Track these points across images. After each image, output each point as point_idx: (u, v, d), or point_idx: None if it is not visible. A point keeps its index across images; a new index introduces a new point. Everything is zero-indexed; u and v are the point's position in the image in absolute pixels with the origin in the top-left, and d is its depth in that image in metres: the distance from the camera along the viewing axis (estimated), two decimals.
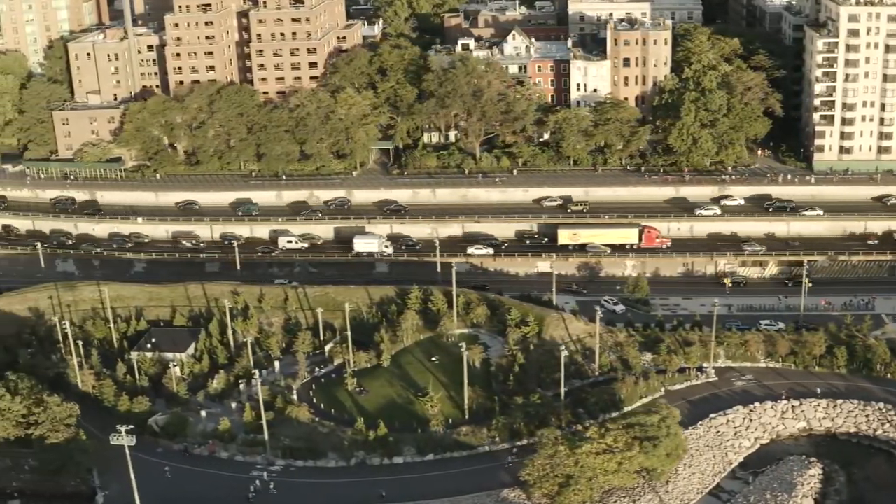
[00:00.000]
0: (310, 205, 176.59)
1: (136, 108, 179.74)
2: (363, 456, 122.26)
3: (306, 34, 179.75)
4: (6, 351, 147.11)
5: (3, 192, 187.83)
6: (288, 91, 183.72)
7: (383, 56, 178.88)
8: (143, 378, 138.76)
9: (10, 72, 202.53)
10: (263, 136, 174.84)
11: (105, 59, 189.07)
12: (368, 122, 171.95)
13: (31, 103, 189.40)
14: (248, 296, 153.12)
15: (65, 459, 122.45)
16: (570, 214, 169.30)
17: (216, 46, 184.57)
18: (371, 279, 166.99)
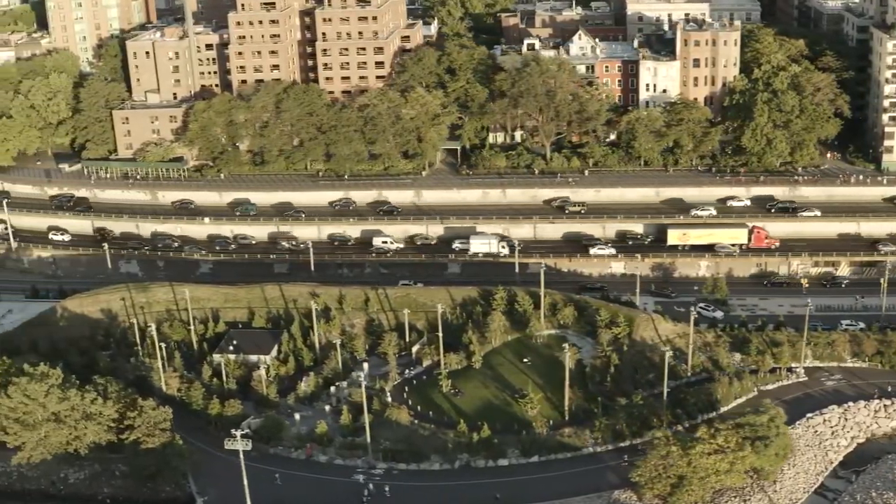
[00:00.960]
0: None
1: (201, 106, 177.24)
2: (467, 458, 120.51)
3: (373, 33, 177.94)
4: (82, 354, 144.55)
5: (86, 193, 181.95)
6: (354, 90, 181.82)
7: (452, 55, 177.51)
8: (230, 381, 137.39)
9: (62, 70, 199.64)
10: (333, 136, 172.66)
11: (165, 57, 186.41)
12: (439, 122, 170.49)
13: (89, 102, 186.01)
14: (327, 297, 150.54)
15: (161, 464, 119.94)
16: (572, 215, 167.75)
17: (281, 45, 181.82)
18: (444, 280, 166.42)
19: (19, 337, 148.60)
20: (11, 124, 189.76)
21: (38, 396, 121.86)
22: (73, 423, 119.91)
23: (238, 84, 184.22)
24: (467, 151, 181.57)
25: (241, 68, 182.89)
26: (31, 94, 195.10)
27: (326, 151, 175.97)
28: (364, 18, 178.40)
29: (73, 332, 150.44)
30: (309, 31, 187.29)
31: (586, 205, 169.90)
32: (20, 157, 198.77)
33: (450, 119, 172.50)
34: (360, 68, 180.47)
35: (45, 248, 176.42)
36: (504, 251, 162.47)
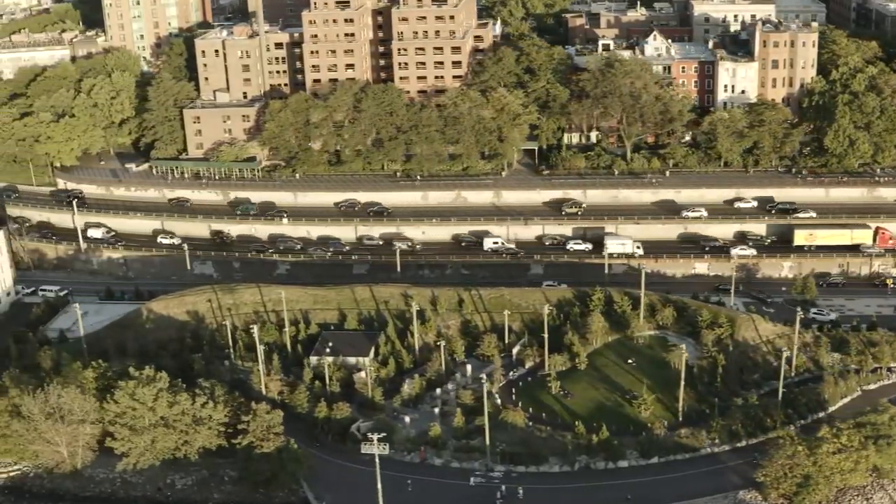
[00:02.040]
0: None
1: (277, 106, 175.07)
2: (586, 460, 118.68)
3: (449, 32, 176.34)
4: (174, 356, 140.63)
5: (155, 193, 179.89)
6: (429, 90, 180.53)
7: (531, 55, 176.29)
8: (333, 384, 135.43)
9: (124, 69, 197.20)
10: (413, 136, 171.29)
11: (235, 56, 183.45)
12: (520, 122, 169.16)
13: (157, 101, 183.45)
14: (419, 298, 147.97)
15: (276, 469, 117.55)
16: (574, 216, 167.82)
17: (356, 44, 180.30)
18: (527, 281, 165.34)
19: (104, 339, 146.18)
20: (75, 123, 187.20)
21: (146, 400, 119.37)
22: (184, 427, 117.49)
23: (311, 83, 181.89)
24: (544, 152, 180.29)
25: (314, 67, 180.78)
26: (94, 92, 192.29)
27: (406, 151, 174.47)
28: (441, 18, 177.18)
29: (159, 334, 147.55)
30: (381, 30, 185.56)
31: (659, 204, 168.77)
32: (81, 157, 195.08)
33: (530, 119, 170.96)
34: (436, 68, 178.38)
35: (115, 248, 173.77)
36: (639, 252, 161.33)
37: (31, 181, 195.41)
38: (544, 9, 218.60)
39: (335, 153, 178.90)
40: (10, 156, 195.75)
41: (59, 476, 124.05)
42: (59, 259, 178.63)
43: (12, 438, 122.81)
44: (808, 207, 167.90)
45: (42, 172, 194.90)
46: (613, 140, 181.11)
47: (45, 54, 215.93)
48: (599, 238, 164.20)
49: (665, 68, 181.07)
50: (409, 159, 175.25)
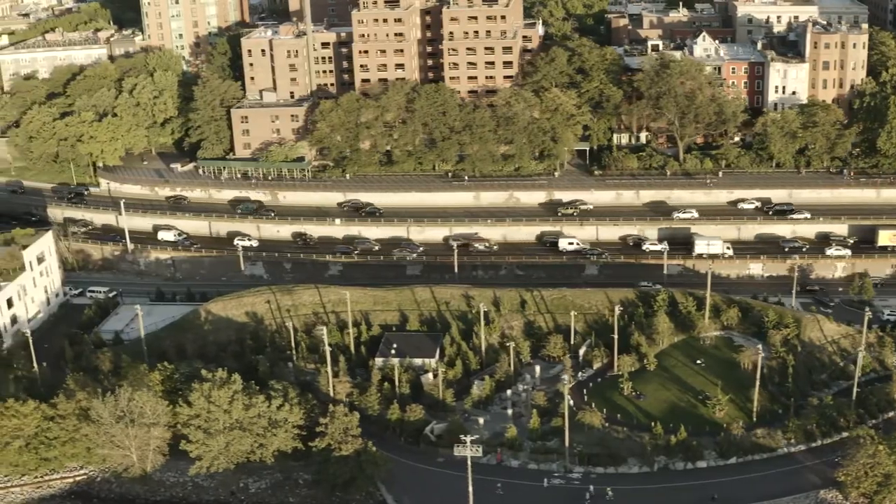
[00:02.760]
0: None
1: (328, 106, 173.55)
2: (664, 461, 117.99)
3: (500, 32, 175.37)
4: (235, 358, 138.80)
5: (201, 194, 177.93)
6: (480, 90, 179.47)
7: (584, 55, 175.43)
8: (403, 385, 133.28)
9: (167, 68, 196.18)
10: (467, 136, 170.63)
11: (283, 55, 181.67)
12: (574, 122, 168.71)
13: (204, 100, 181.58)
14: (481, 299, 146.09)
15: (355, 472, 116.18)
16: (570, 216, 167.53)
17: (406, 44, 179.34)
18: (581, 282, 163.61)
19: (162, 341, 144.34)
20: (118, 123, 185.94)
21: (222, 403, 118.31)
22: (260, 430, 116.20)
23: (360, 83, 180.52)
24: (594, 152, 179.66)
25: (363, 67, 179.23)
26: (137, 92, 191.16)
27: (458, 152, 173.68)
28: (492, 18, 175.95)
29: (218, 335, 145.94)
30: (429, 30, 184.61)
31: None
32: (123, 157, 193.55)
33: (584, 120, 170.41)
34: (487, 68, 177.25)
35: (163, 249, 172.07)
36: (729, 252, 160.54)
37: (72, 181, 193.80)
38: (584, 9, 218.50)
39: (386, 153, 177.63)
40: (49, 155, 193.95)
41: (127, 480, 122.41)
42: (105, 260, 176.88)
43: (81, 442, 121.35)
44: (860, 208, 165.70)
45: (83, 172, 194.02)
46: (663, 141, 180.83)
47: (82, 53, 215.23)
48: (683, 238, 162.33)
49: (715, 69, 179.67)
50: (462, 160, 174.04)
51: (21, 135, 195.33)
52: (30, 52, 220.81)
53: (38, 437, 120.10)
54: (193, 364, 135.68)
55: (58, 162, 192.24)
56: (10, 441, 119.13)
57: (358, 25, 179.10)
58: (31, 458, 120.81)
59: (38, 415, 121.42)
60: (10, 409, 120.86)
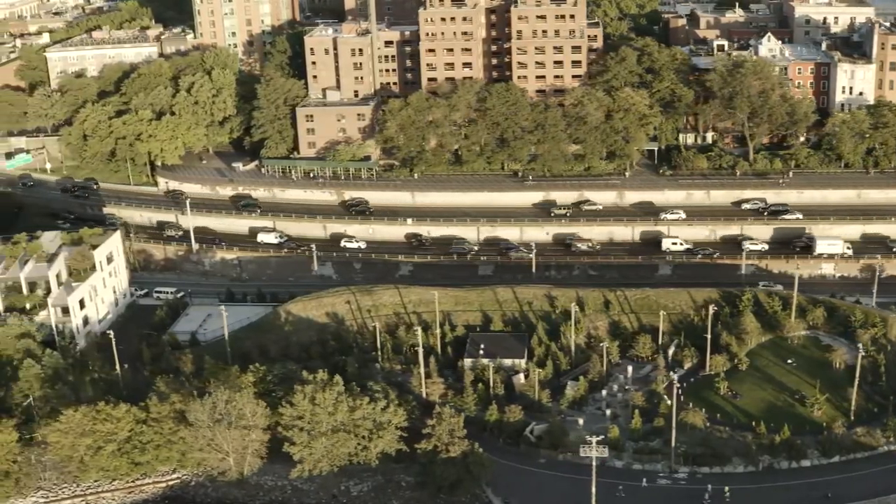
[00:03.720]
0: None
1: (397, 105, 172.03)
2: (769, 460, 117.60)
3: (569, 31, 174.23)
4: (320, 359, 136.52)
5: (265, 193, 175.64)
6: (548, 89, 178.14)
7: (653, 55, 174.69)
8: (497, 386, 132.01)
9: (224, 66, 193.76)
10: (539, 136, 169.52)
11: (347, 54, 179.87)
12: (646, 122, 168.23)
13: (268, 99, 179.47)
14: (564, 300, 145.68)
15: (461, 474, 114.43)
16: (551, 218, 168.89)
17: (473, 43, 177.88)
18: (655, 282, 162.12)
19: (242, 341, 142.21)
20: (178, 121, 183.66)
21: (327, 405, 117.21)
22: (366, 432, 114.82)
23: (426, 82, 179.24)
24: (661, 152, 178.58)
25: (430, 66, 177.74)
26: (195, 90, 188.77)
27: (532, 151, 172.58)
28: (561, 17, 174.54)
29: (299, 336, 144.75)
30: (494, 29, 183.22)
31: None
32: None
33: (656, 120, 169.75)
34: (555, 67, 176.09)
35: (229, 249, 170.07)
36: (849, 252, 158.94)
37: (129, 180, 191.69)
38: (636, 9, 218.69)
39: (454, 153, 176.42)
40: (103, 154, 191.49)
41: (223, 484, 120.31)
42: (167, 260, 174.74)
43: (177, 445, 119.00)
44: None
45: (140, 172, 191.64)
46: (729, 141, 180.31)
47: (132, 51, 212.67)
48: (792, 237, 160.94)
49: (781, 69, 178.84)
50: (533, 159, 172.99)
51: (74, 133, 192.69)
52: (78, 49, 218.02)
53: (131, 441, 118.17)
54: (287, 365, 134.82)
55: (113, 161, 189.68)
56: (103, 445, 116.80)
57: (425, 24, 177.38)
58: (123, 462, 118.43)
59: (131, 418, 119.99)
60: (101, 412, 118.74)
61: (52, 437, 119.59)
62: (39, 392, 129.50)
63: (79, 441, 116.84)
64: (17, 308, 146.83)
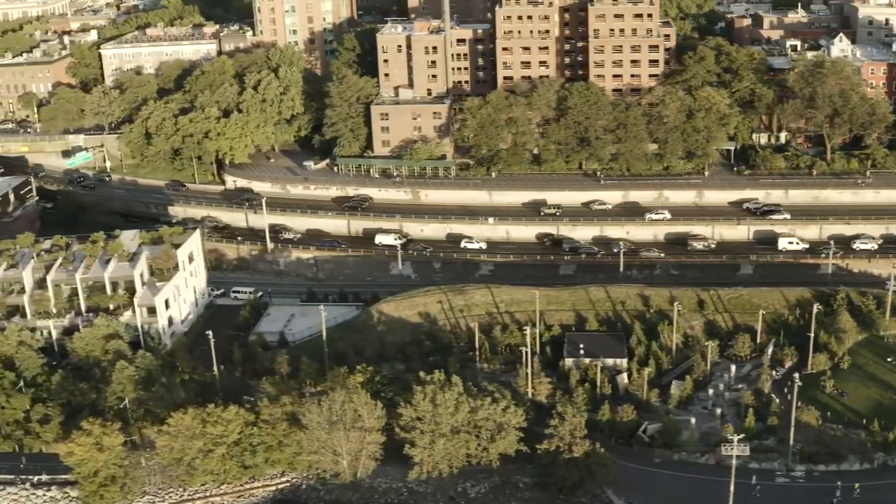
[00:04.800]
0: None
1: (476, 103, 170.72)
2: (883, 457, 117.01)
3: (646, 30, 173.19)
4: (420, 359, 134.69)
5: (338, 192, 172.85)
6: (624, 88, 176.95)
7: (731, 55, 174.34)
8: (604, 386, 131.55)
9: (291, 64, 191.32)
10: (621, 134, 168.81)
11: (421, 51, 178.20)
12: (727, 121, 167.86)
13: (341, 97, 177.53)
14: (657, 299, 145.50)
15: (584, 474, 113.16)
16: (553, 216, 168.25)
17: (550, 41, 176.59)
18: (737, 281, 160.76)
19: (335, 341, 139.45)
20: (247, 119, 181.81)
21: (448, 405, 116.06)
22: (488, 433, 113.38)
23: (502, 81, 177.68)
24: (737, 152, 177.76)
25: (506, 64, 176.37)
26: (262, 88, 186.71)
27: (613, 150, 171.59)
28: (638, 16, 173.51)
29: (393, 336, 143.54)
30: (566, 28, 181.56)
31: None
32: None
33: (736, 119, 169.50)
34: (632, 66, 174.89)
35: (306, 249, 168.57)
36: None
37: (194, 179, 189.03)
38: (696, 9, 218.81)
39: (532, 152, 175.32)
40: (166, 153, 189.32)
41: (336, 487, 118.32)
42: (240, 259, 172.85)
43: (290, 448, 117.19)
44: None
45: (205, 170, 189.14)
46: (802, 140, 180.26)
47: (190, 48, 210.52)
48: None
49: (854, 70, 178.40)
50: (614, 158, 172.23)
51: (136, 131, 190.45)
52: (133, 46, 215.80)
53: (240, 443, 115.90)
54: (395, 366, 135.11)
55: (178, 159, 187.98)
56: (213, 448, 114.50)
57: (502, 22, 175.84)
58: (233, 465, 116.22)
59: (240, 420, 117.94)
60: (212, 415, 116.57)
61: (160, 441, 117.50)
62: (133, 394, 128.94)
63: (189, 444, 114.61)
64: (100, 308, 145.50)
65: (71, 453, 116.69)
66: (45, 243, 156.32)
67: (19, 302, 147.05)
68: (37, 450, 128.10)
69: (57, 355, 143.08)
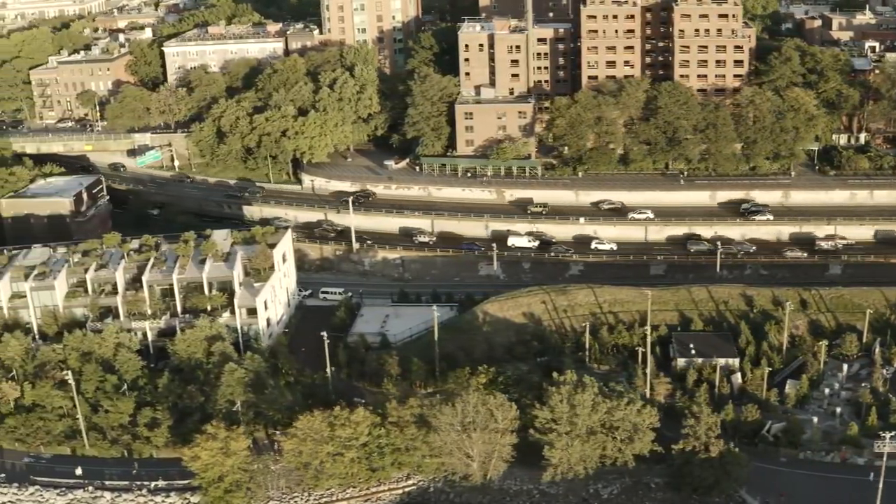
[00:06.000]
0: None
1: (564, 102, 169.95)
2: None
3: (731, 31, 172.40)
4: (527, 359, 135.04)
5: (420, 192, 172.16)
6: (709, 88, 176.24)
7: (816, 56, 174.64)
8: (724, 386, 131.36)
9: (367, 62, 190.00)
10: (711, 134, 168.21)
11: (504, 50, 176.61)
12: (815, 122, 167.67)
13: (424, 95, 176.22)
14: (760, 299, 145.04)
15: (719, 474, 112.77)
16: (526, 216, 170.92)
17: (635, 40, 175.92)
18: (826, 281, 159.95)
19: (442, 342, 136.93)
20: (325, 118, 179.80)
21: (585, 406, 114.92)
22: (625, 434, 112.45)
23: (587, 80, 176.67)
24: (820, 153, 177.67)
25: (592, 64, 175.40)
26: (339, 87, 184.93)
27: (703, 151, 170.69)
28: (723, 16, 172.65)
29: (499, 336, 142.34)
30: (648, 27, 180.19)
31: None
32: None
33: (823, 120, 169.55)
34: (717, 66, 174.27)
35: (392, 249, 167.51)
36: None
37: (268, 178, 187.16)
38: (761, 10, 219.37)
39: (620, 151, 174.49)
40: (238, 152, 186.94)
41: (465, 489, 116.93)
42: (323, 260, 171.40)
43: (419, 450, 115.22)
44: None
45: (280, 169, 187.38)
46: (881, 141, 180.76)
47: (256, 46, 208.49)
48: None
49: None
50: (702, 158, 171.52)
51: (207, 129, 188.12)
52: (198, 45, 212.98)
53: (368, 446, 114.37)
54: (520, 367, 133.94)
55: (250, 158, 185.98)
56: (343, 452, 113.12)
57: (587, 21, 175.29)
58: (362, 468, 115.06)
59: (368, 423, 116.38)
60: (339, 417, 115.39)
61: (287, 444, 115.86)
62: (243, 397, 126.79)
63: (320, 448, 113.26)
64: (197, 309, 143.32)
65: (196, 458, 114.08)
66: (133, 243, 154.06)
67: (111, 303, 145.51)
68: (146, 455, 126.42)
69: (153, 357, 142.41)
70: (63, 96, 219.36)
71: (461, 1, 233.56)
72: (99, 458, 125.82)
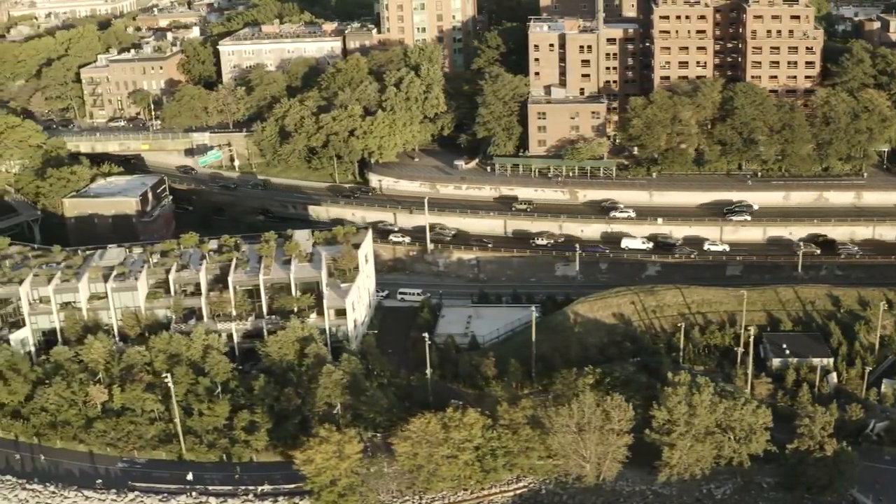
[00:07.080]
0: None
1: (640, 102, 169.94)
2: None
3: (802, 32, 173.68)
4: (621, 360, 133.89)
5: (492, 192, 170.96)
6: (780, 89, 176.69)
7: (887, 57, 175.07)
8: (825, 385, 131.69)
9: (432, 62, 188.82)
10: (788, 135, 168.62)
11: (576, 50, 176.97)
12: (890, 124, 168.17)
13: (496, 95, 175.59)
14: (846, 300, 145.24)
15: (833, 474, 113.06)
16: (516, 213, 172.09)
17: (707, 41, 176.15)
18: None
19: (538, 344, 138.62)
20: (394, 117, 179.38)
21: (704, 406, 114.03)
22: (742, 434, 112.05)
23: (659, 80, 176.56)
24: (889, 154, 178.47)
25: (665, 64, 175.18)
26: (405, 86, 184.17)
27: (782, 151, 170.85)
28: (795, 17, 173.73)
29: (591, 337, 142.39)
30: (718, 28, 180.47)
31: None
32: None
33: None
34: (789, 67, 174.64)
35: (468, 249, 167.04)
36: None
37: (334, 179, 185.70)
38: (816, 12, 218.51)
39: (695, 151, 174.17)
40: (301, 152, 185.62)
41: (577, 491, 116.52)
42: (396, 260, 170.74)
43: (535, 451, 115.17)
44: None
45: (346, 169, 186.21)
46: None
47: (313, 45, 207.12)
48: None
49: None
50: (778, 159, 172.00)
51: (269, 129, 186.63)
52: (254, 44, 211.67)
53: (480, 448, 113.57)
54: (627, 367, 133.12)
55: (316, 158, 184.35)
56: (457, 454, 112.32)
57: (659, 21, 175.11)
58: (476, 471, 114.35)
59: (481, 424, 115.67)
60: (453, 419, 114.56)
61: (400, 447, 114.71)
62: (341, 399, 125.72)
63: (434, 450, 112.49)
64: (284, 310, 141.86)
65: (309, 461, 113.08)
66: (212, 243, 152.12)
67: (195, 304, 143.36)
68: (246, 459, 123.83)
69: (239, 359, 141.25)
70: (114, 95, 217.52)
71: (506, 1, 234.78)
72: (197, 462, 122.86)
